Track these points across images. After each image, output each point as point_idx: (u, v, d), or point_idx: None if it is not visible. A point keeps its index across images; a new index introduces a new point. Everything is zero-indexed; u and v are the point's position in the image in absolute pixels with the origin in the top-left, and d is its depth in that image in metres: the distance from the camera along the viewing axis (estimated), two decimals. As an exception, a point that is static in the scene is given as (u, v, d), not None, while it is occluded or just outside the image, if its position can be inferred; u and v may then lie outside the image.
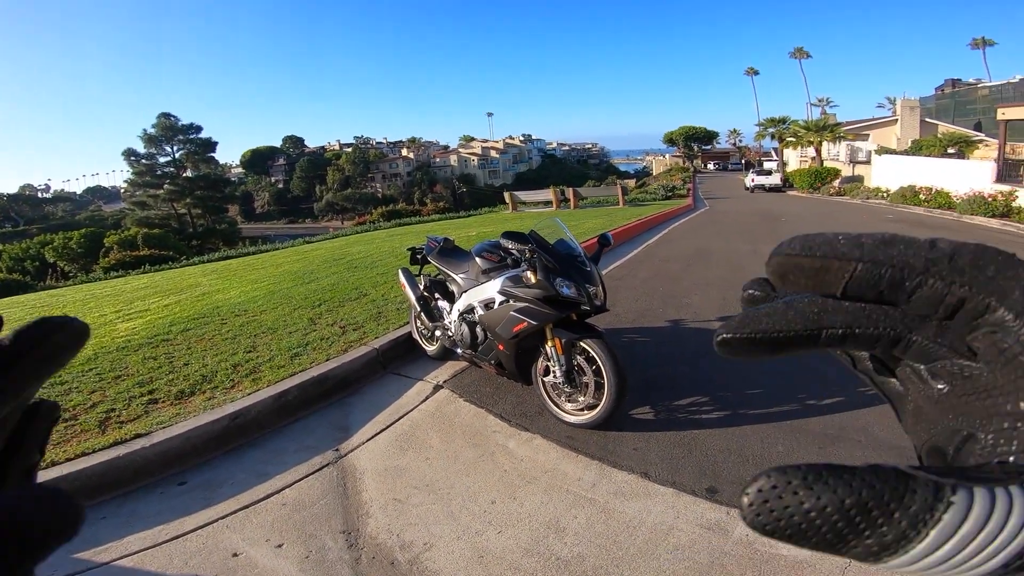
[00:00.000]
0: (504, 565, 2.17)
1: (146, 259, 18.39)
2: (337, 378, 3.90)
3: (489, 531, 2.39)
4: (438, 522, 2.46)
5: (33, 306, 8.00)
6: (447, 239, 4.33)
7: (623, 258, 9.05)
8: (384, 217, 32.27)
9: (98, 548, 2.34)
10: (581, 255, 3.31)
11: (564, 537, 2.32)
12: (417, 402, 3.70)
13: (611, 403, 2.99)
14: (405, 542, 2.34)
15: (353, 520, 2.50)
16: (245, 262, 11.95)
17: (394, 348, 4.42)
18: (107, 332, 5.28)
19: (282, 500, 2.66)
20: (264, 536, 2.40)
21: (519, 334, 3.18)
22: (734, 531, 2.27)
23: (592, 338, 3.07)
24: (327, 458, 3.04)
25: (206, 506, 2.61)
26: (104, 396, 3.56)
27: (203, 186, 49.00)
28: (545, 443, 3.09)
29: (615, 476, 2.73)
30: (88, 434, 3.06)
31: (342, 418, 3.52)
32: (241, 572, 2.18)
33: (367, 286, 6.63)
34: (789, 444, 2.90)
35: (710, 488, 2.57)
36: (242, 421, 3.29)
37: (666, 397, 3.53)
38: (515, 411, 3.46)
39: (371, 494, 2.70)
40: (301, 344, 4.40)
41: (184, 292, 7.58)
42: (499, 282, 3.35)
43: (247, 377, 3.80)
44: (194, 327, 5.22)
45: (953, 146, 26.99)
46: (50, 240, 32.32)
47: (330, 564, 2.22)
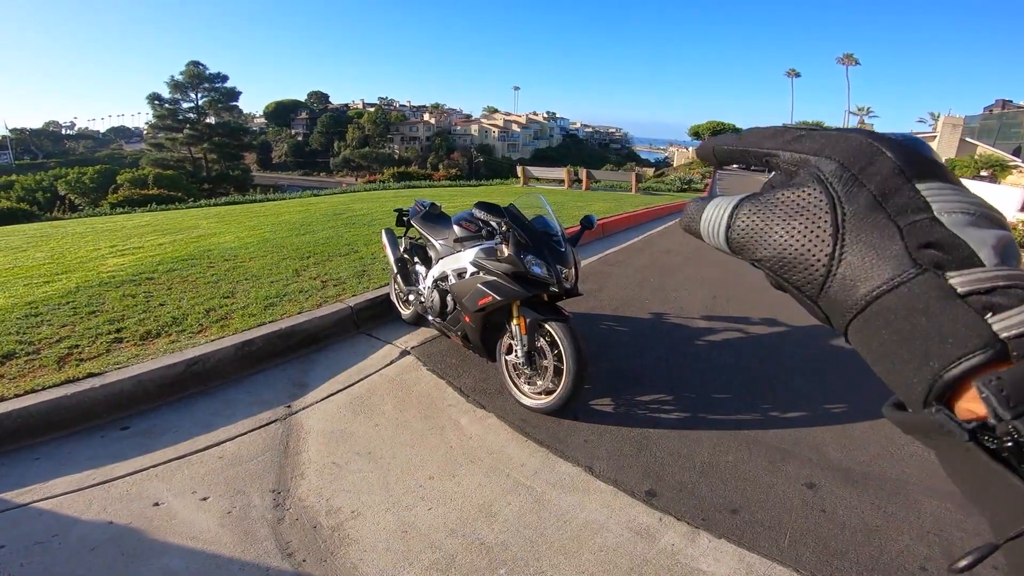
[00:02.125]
0: (426, 543, 2.14)
1: (154, 198, 18.42)
2: (305, 332, 3.85)
3: (420, 506, 2.35)
4: (371, 491, 2.43)
5: (32, 236, 7.99)
6: (433, 203, 4.25)
7: (621, 244, 8.90)
8: (395, 178, 32.01)
9: (21, 489, 2.30)
10: (558, 234, 3.22)
11: (493, 522, 2.28)
12: (380, 366, 3.65)
13: (568, 390, 2.93)
14: (333, 507, 2.31)
15: (286, 480, 2.47)
16: (249, 209, 11.90)
17: (370, 308, 4.37)
18: (95, 267, 5.26)
19: (220, 453, 2.63)
20: (191, 488, 2.37)
21: (484, 307, 3.12)
22: (661, 539, 2.22)
23: (557, 321, 2.99)
24: (277, 414, 3.01)
25: (141, 453, 2.58)
26: (72, 331, 3.53)
27: (222, 133, 49.68)
28: (498, 423, 3.05)
29: (559, 467, 2.68)
30: (45, 370, 3.02)
31: (302, 374, 3.49)
32: (158, 521, 2.15)
33: (359, 243, 6.59)
34: (740, 455, 2.83)
35: (649, 491, 2.51)
36: (199, 368, 3.26)
37: (629, 391, 3.46)
38: (475, 387, 3.41)
39: (311, 455, 2.67)
40: (279, 295, 4.37)
41: (181, 233, 7.56)
42: (472, 252, 3.28)
43: (216, 323, 3.77)
44: (180, 268, 5.19)
45: (987, 169, 26.32)
46: (65, 174, 32.51)
47: (251, 521, 2.19)
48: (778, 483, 2.62)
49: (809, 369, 4.08)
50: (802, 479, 2.66)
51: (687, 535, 2.25)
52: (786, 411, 3.35)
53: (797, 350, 4.48)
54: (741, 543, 2.20)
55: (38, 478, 2.39)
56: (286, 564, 2.00)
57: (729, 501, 2.47)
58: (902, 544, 2.23)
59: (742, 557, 2.13)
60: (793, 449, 2.92)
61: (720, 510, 2.40)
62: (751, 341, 4.63)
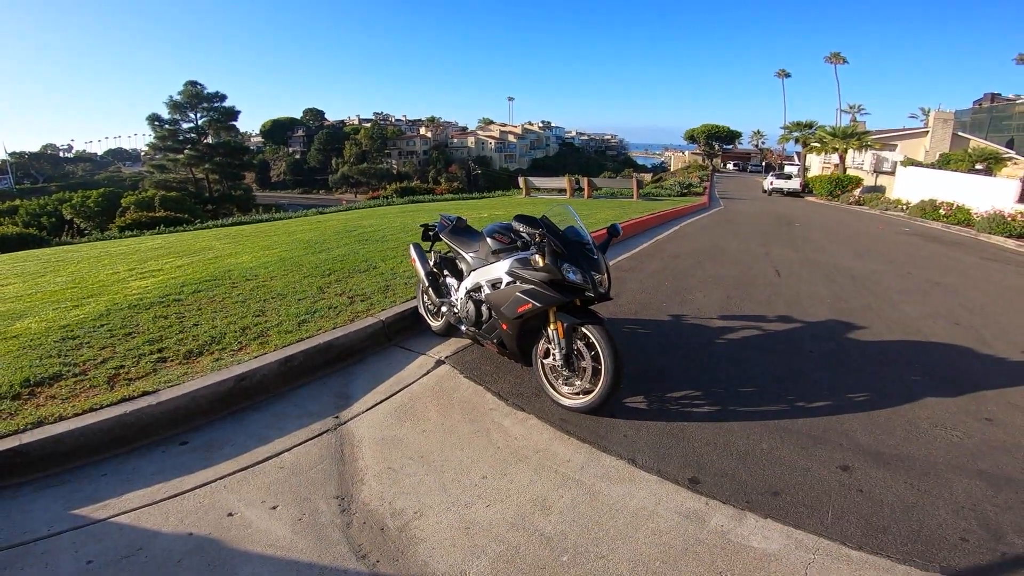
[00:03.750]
0: (489, 537, 2.26)
1: (161, 220, 18.53)
2: (342, 347, 3.99)
3: (478, 504, 2.48)
4: (429, 492, 2.56)
5: (48, 261, 8.13)
6: (460, 218, 4.39)
7: (632, 250, 9.07)
8: (398, 193, 32.21)
9: (97, 504, 2.41)
10: (590, 243, 3.36)
11: (549, 515, 2.40)
12: (418, 375, 3.79)
13: (606, 389, 3.07)
14: (396, 510, 2.43)
15: (347, 486, 2.60)
16: (258, 228, 12.05)
17: (400, 321, 4.50)
18: (120, 290, 5.37)
19: (280, 463, 2.76)
20: (260, 498, 2.49)
21: (523, 315, 3.25)
22: (710, 521, 2.35)
23: (594, 324, 3.13)
24: (327, 424, 3.14)
25: (205, 466, 2.70)
26: (114, 352, 3.63)
27: (222, 153, 49.60)
28: (539, 424, 3.18)
29: (603, 460, 2.81)
30: (97, 390, 3.11)
31: (344, 386, 3.62)
32: (235, 531, 2.27)
33: (377, 259, 6.72)
34: (773, 442, 2.97)
35: (692, 478, 2.65)
36: (247, 384, 3.39)
37: (660, 388, 3.60)
38: (513, 391, 3.55)
39: (367, 462, 2.79)
40: (309, 311, 4.49)
41: (197, 254, 7.68)
42: (508, 263, 3.41)
43: (255, 340, 3.89)
44: (205, 289, 5.30)
45: (982, 162, 26.49)
46: (68, 198, 32.64)
47: (322, 527, 2.31)
48: (813, 467, 2.76)
49: (828, 362, 4.22)
50: (836, 463, 2.80)
51: (734, 516, 2.39)
52: (812, 401, 3.49)
53: (815, 345, 4.62)
54: (787, 522, 2.34)
55: (110, 493, 2.49)
56: (362, 566, 2.12)
57: (769, 485, 2.60)
58: (940, 518, 2.37)
59: (790, 534, 2.27)
60: (823, 436, 3.06)
61: (762, 493, 2.54)
62: (769, 337, 4.77)
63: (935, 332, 5.23)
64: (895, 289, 7.20)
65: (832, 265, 8.84)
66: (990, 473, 2.77)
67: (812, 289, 6.80)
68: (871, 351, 4.57)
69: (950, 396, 3.69)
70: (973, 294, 7.23)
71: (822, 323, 5.20)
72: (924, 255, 10.93)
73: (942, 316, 5.89)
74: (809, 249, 10.50)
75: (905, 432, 3.17)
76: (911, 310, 6.07)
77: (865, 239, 13.05)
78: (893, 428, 3.20)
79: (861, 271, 8.45)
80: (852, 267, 8.79)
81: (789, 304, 5.83)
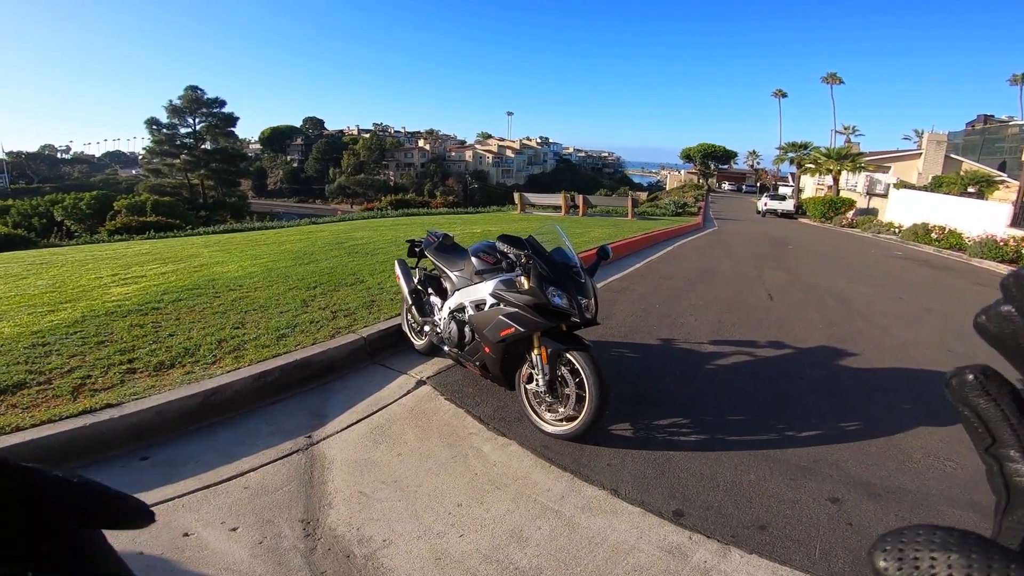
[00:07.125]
0: (461, 570, 2.14)
1: (152, 225, 18.39)
2: (321, 363, 3.87)
3: (451, 533, 2.36)
4: (401, 520, 2.43)
5: (31, 263, 7.98)
6: (446, 235, 4.30)
7: (624, 271, 8.99)
8: (392, 205, 32.10)
9: None
10: (577, 265, 3.27)
11: (525, 547, 2.29)
12: (398, 395, 3.67)
13: (591, 417, 2.96)
14: (364, 537, 2.31)
15: (314, 510, 2.48)
16: (248, 237, 11.91)
17: (383, 339, 4.39)
18: (99, 296, 5.24)
19: (244, 483, 2.63)
20: (220, 518, 2.37)
21: (506, 339, 3.15)
22: (693, 556, 2.24)
23: (578, 350, 3.03)
24: (298, 444, 3.01)
25: (164, 483, 2.57)
26: (83, 361, 3.51)
27: (219, 159, 49.41)
28: (520, 450, 3.06)
29: (585, 490, 2.70)
30: (59, 400, 2.99)
31: (320, 404, 3.49)
32: (189, 552, 2.15)
33: (365, 273, 6.60)
34: (761, 473, 2.86)
35: (677, 511, 2.53)
36: (218, 399, 3.26)
37: (646, 415, 3.49)
38: (495, 415, 3.43)
39: (336, 485, 2.67)
40: (290, 325, 4.37)
41: (183, 261, 7.55)
42: (492, 284, 3.32)
43: (230, 354, 3.77)
44: (186, 298, 5.17)
45: (974, 185, 26.65)
46: (61, 199, 32.39)
47: (283, 552, 2.19)
48: (802, 499, 2.65)
49: (820, 389, 4.13)
50: (825, 494, 2.70)
51: (718, 552, 2.27)
52: (802, 430, 3.40)
53: (806, 371, 4.54)
54: (773, 557, 2.23)
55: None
56: (322, 594, 2.00)
57: (756, 518, 2.49)
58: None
59: (775, 571, 2.16)
60: (813, 466, 2.96)
61: (748, 527, 2.43)
62: (760, 363, 4.68)
63: (927, 359, 5.16)
64: (887, 314, 7.15)
65: (825, 288, 8.80)
66: (983, 505, 2.68)
67: (804, 313, 6.74)
68: (863, 378, 4.48)
69: (943, 425, 3.60)
70: (966, 320, 7.16)
71: (814, 349, 5.12)
72: (916, 280, 10.93)
73: (934, 342, 5.83)
74: (802, 272, 10.46)
75: (897, 462, 3.07)
76: (903, 336, 6.01)
77: (858, 262, 13.05)
78: (884, 458, 3.11)
79: (853, 295, 8.41)
80: (844, 290, 8.75)
81: (781, 328, 5.76)
